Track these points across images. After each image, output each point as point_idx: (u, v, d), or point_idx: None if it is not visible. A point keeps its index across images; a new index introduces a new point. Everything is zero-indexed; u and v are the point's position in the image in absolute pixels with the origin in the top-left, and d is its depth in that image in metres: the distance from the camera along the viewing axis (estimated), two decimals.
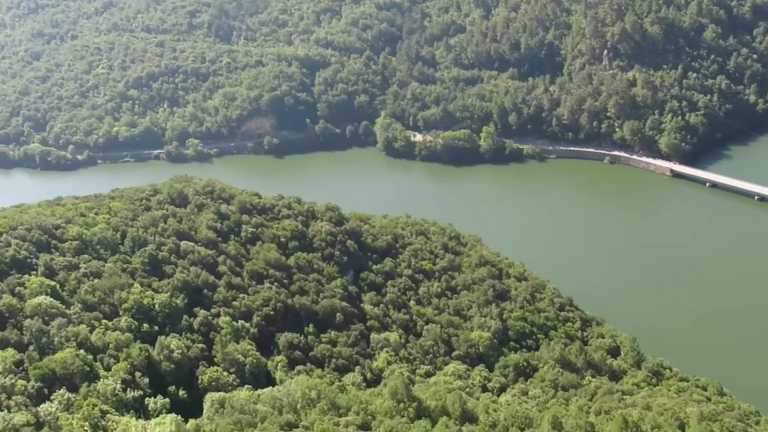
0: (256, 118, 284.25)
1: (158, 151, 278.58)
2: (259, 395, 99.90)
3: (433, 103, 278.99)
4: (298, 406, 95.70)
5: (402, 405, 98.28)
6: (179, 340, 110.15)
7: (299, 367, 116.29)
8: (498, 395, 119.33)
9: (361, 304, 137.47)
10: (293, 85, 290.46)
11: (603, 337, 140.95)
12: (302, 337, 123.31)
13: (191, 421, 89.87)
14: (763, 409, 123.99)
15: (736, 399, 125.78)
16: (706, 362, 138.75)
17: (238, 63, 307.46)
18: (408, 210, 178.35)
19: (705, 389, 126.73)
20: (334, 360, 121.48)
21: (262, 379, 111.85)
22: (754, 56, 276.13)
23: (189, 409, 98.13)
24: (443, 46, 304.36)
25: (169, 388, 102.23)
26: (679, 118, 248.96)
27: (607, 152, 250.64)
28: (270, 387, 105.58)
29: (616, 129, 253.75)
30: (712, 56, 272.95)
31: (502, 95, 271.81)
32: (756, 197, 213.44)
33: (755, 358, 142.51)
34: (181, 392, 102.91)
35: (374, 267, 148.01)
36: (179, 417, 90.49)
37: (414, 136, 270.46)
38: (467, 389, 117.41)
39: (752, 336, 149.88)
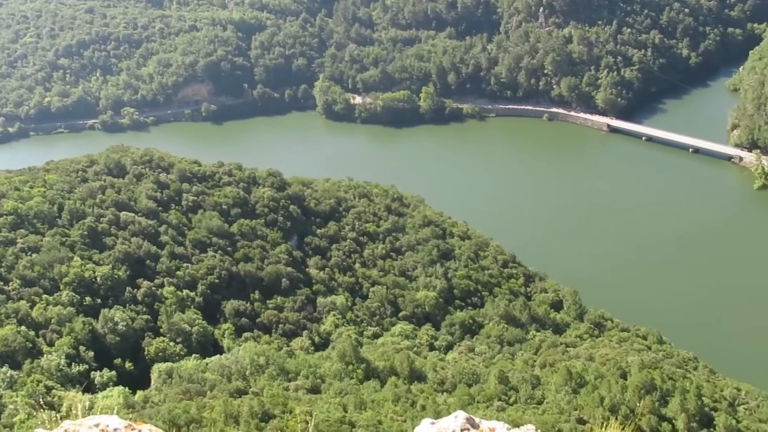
0: (193, 85, 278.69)
1: (93, 121, 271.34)
2: (207, 364, 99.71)
3: (371, 65, 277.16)
4: (247, 372, 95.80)
5: (351, 367, 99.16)
6: (123, 312, 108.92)
7: (246, 334, 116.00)
8: (445, 353, 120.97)
9: (307, 269, 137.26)
10: (229, 50, 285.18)
11: (546, 292, 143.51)
12: (248, 304, 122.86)
13: (139, 393, 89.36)
14: (701, 354, 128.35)
15: (675, 346, 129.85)
16: (646, 312, 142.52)
17: (171, 28, 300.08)
18: (350, 173, 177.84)
19: (645, 338, 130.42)
20: (281, 325, 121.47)
21: (209, 347, 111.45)
22: (686, 10, 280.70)
23: (136, 380, 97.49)
24: (380, 7, 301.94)
25: (115, 361, 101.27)
26: (615, 73, 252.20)
27: (545, 109, 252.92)
28: (218, 355, 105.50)
29: (554, 86, 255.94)
30: (646, 11, 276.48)
31: (440, 55, 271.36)
32: (690, 149, 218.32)
33: (693, 305, 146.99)
34: (128, 364, 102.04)
35: (318, 231, 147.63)
36: (127, 389, 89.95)
37: (353, 98, 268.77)
38: (415, 349, 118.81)
39: (689, 284, 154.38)
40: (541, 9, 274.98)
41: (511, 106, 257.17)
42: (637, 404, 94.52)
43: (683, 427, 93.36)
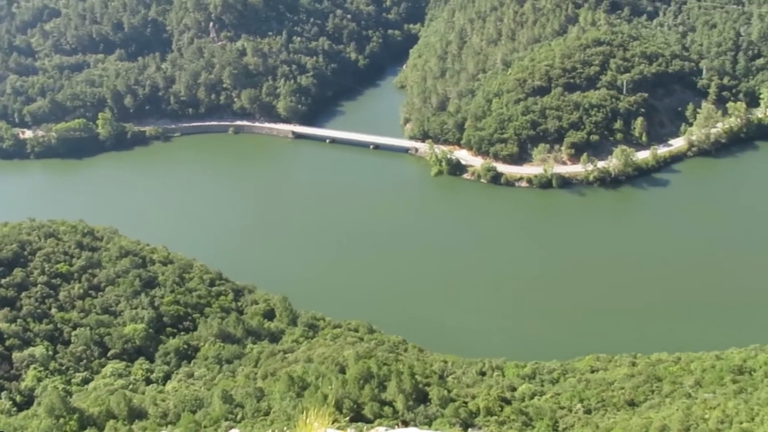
0: None
1: None
2: None
3: (38, 95, 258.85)
4: None
5: (62, 420, 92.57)
6: None
7: None
8: (164, 384, 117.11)
9: None
10: None
11: (257, 303, 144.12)
12: None
13: None
14: (409, 337, 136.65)
15: (384, 333, 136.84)
16: (354, 305, 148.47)
17: None
18: (31, 213, 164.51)
19: (357, 330, 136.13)
20: None
21: None
22: (349, 16, 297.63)
23: None
24: (39, 33, 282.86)
25: None
26: (292, 81, 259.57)
27: (230, 123, 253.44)
28: None
29: (235, 99, 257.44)
30: (312, 19, 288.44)
31: (113, 78, 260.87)
32: (371, 146, 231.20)
33: (393, 291, 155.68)
34: None
35: (2, 281, 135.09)
36: None
37: (23, 132, 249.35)
38: (131, 386, 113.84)
39: (388, 272, 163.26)
40: (211, 24, 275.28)
41: (195, 124, 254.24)
42: (359, 394, 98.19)
43: (402, 407, 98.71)
